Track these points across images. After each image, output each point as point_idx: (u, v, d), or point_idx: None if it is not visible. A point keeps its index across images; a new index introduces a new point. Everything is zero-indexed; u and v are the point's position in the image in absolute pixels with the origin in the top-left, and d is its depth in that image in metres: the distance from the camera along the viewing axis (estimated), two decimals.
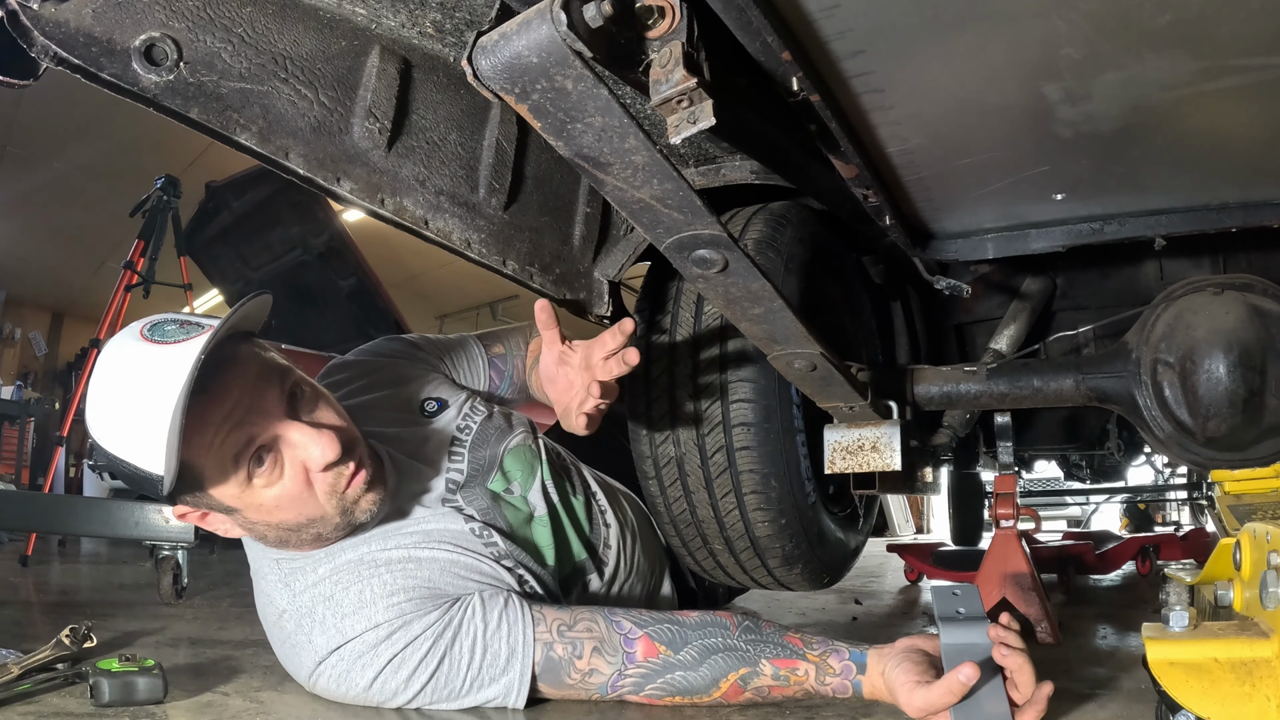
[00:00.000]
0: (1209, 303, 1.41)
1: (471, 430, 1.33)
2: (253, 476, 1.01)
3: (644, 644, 1.08)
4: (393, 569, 1.10)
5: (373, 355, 1.43)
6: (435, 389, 1.37)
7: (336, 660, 1.06)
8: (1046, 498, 6.08)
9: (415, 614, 1.06)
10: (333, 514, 1.07)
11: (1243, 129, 1.10)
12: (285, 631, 1.11)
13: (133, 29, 0.89)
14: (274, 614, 1.12)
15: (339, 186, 1.11)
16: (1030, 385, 1.61)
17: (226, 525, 1.07)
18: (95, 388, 0.99)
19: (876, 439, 1.54)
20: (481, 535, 1.19)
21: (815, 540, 1.81)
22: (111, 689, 1.06)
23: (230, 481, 1.01)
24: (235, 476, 1.01)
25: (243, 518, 1.05)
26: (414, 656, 1.05)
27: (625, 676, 1.07)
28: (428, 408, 1.33)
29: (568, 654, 1.07)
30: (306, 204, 4.54)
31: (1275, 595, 0.78)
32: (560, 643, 1.08)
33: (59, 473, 4.40)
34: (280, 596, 1.11)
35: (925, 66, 0.95)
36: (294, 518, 1.05)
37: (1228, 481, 1.91)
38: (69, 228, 6.32)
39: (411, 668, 1.05)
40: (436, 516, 1.19)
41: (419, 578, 1.10)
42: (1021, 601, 1.51)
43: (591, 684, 1.08)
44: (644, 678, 1.07)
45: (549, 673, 1.08)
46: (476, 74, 0.71)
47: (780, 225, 1.63)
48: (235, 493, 1.02)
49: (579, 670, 1.07)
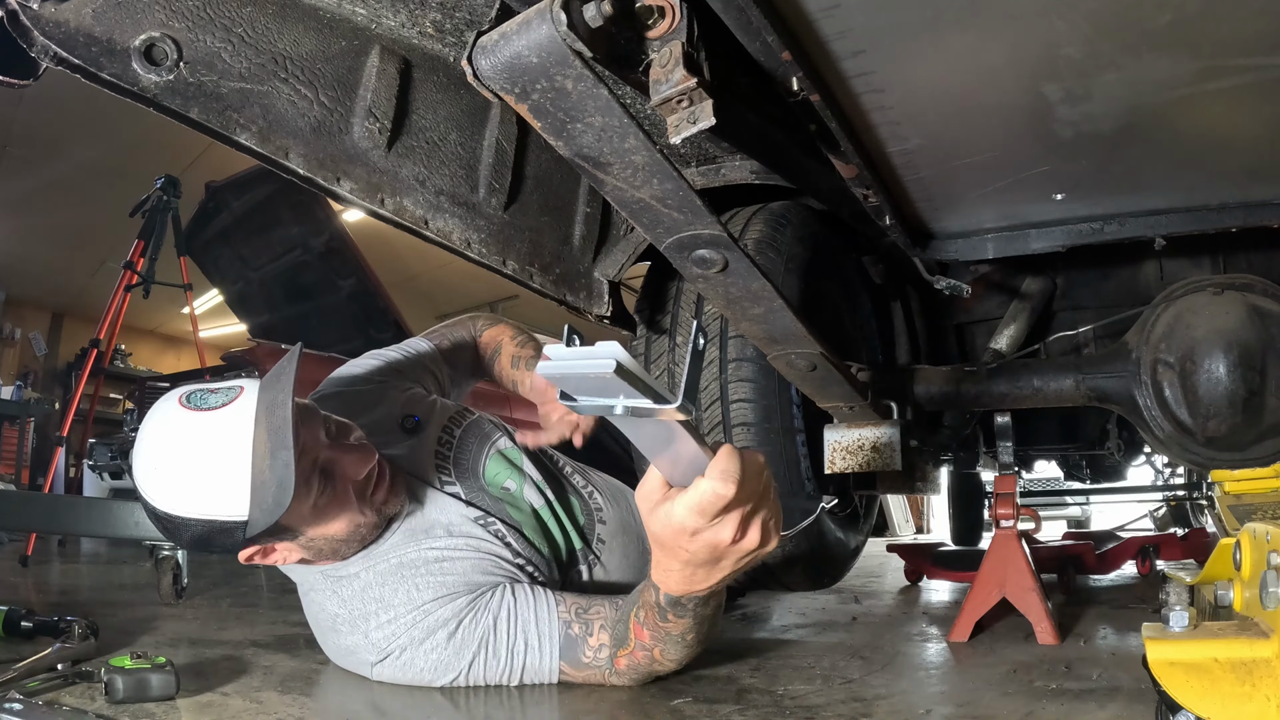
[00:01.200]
0: (1209, 303, 1.42)
1: (452, 444, 1.38)
2: (319, 498, 1.13)
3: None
4: (430, 568, 1.22)
5: (347, 387, 1.46)
6: (409, 405, 1.41)
7: (398, 650, 1.17)
8: (1046, 498, 6.09)
9: (463, 601, 1.18)
10: (371, 516, 1.20)
11: (1242, 129, 1.10)
12: (340, 634, 1.22)
13: (133, 29, 0.89)
14: (328, 620, 1.24)
15: (339, 186, 1.11)
16: (1030, 385, 1.61)
17: (288, 552, 1.18)
18: (154, 460, 1.07)
19: (876, 439, 1.54)
20: (494, 531, 1.28)
21: (815, 540, 1.81)
22: (125, 686, 1.08)
23: (303, 505, 1.12)
24: (307, 500, 1.12)
25: (306, 538, 1.17)
26: (463, 635, 1.16)
27: (615, 660, 1.15)
28: (406, 424, 1.37)
29: (582, 633, 1.17)
30: (306, 204, 4.54)
31: (1275, 595, 0.78)
32: (576, 622, 1.17)
33: (59, 473, 4.40)
34: (331, 604, 1.23)
35: (925, 66, 0.95)
36: (346, 528, 1.18)
37: (1228, 481, 1.91)
38: (69, 228, 6.31)
39: (460, 644, 1.16)
40: (453, 518, 1.28)
41: (456, 572, 1.22)
42: (1022, 601, 1.51)
43: (601, 659, 1.15)
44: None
45: (569, 650, 1.16)
46: (476, 74, 0.71)
47: (780, 225, 1.63)
48: (304, 515, 1.13)
49: (591, 648, 1.16)
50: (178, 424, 1.06)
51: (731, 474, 0.80)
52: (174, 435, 1.06)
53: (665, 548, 0.92)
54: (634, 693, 1.16)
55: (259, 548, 1.14)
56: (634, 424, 0.72)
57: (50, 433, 5.41)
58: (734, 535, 0.86)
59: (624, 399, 0.66)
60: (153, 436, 1.07)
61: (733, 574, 0.95)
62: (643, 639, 1.10)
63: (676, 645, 1.10)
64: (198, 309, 4.74)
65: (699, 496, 0.81)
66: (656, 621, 1.06)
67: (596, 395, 0.67)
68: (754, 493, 0.85)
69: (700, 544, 0.87)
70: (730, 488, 0.81)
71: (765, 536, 0.89)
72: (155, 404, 1.12)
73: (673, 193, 0.81)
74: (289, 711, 1.07)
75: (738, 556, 0.90)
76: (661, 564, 0.96)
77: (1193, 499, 5.27)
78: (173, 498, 1.06)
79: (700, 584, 0.95)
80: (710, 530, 0.85)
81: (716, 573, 0.93)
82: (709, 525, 0.85)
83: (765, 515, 0.88)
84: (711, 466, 0.80)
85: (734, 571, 0.94)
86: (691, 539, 0.86)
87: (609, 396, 0.67)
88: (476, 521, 1.28)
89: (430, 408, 1.42)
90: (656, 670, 1.15)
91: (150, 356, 8.50)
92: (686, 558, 0.90)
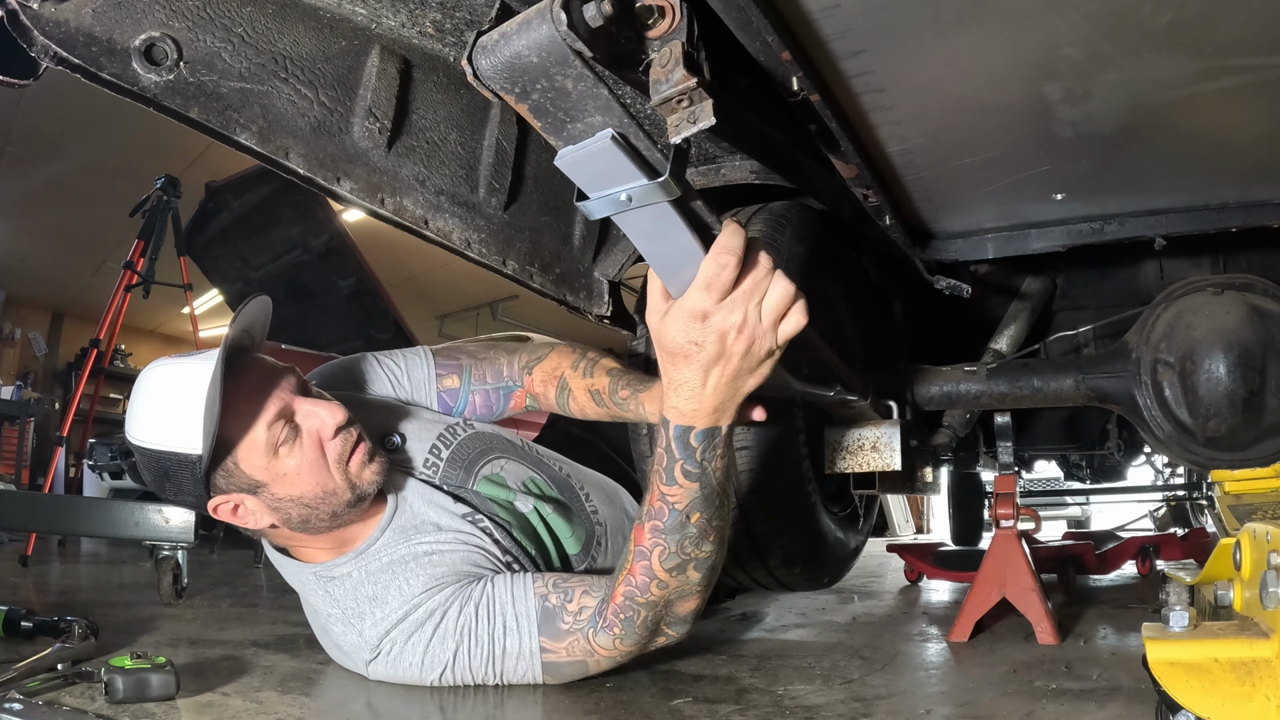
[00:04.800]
0: (1209, 303, 1.42)
1: (439, 465, 1.34)
2: (279, 446, 1.14)
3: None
4: (420, 561, 1.21)
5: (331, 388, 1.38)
6: (391, 421, 1.36)
7: (389, 646, 1.17)
8: (1046, 498, 6.08)
9: (449, 591, 1.18)
10: (344, 487, 1.18)
11: (1242, 129, 1.10)
12: (335, 633, 1.23)
13: (133, 29, 0.89)
14: (323, 619, 1.25)
15: (339, 186, 1.11)
16: (1030, 385, 1.61)
17: (258, 512, 1.17)
18: (134, 403, 1.15)
19: (876, 439, 1.54)
20: (482, 527, 1.27)
21: (815, 540, 1.81)
22: (125, 686, 1.08)
23: (259, 450, 1.13)
24: (264, 444, 1.13)
25: (270, 494, 1.16)
26: (447, 624, 1.16)
27: (608, 601, 1.12)
28: (388, 444, 1.33)
29: (560, 601, 1.15)
30: (306, 204, 4.53)
31: (1275, 595, 0.78)
32: (554, 593, 1.16)
33: (59, 473, 4.40)
34: (325, 604, 1.23)
35: (925, 66, 0.95)
36: (312, 490, 1.17)
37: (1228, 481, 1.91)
38: (69, 228, 6.30)
39: (444, 634, 1.15)
40: (442, 517, 1.27)
41: (445, 564, 1.22)
42: (1022, 601, 1.51)
43: (582, 620, 1.13)
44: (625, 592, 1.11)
45: (547, 623, 1.14)
46: (476, 73, 0.71)
47: (780, 225, 1.63)
48: (263, 463, 1.14)
49: (570, 613, 1.14)
50: (160, 368, 1.16)
51: (733, 247, 0.84)
52: (154, 376, 1.16)
53: (674, 354, 0.92)
54: (634, 693, 1.16)
55: (225, 498, 1.16)
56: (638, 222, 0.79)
57: (50, 433, 5.42)
58: (741, 321, 0.87)
59: (626, 186, 0.75)
60: (140, 379, 1.17)
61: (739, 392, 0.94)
62: (642, 542, 1.05)
63: (677, 543, 1.03)
64: (198, 309, 4.74)
65: (704, 272, 0.85)
66: (661, 489, 1.01)
67: (603, 183, 0.76)
68: (759, 280, 0.87)
69: (711, 333, 0.88)
70: (732, 258, 0.84)
71: (770, 335, 0.90)
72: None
73: None
74: (289, 711, 1.07)
75: (745, 356, 0.90)
76: (672, 382, 0.95)
77: (1193, 499, 5.27)
78: (141, 429, 1.13)
79: (710, 399, 0.94)
80: (719, 313, 0.87)
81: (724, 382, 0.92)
82: (717, 307, 0.87)
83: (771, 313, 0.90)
84: (715, 244, 0.84)
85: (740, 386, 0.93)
86: (702, 327, 0.88)
87: (614, 184, 0.75)
88: (465, 518, 1.27)
89: (418, 427, 1.37)
90: (653, 600, 1.08)
91: (150, 356, 8.39)
92: (698, 356, 0.90)
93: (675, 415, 0.97)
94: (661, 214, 0.78)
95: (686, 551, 1.05)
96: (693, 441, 0.97)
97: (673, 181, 0.74)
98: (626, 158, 0.72)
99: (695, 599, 1.12)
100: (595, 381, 1.36)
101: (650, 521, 1.04)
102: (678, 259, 0.85)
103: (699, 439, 0.97)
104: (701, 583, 1.10)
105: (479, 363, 1.48)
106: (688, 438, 0.97)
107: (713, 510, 1.04)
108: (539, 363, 1.44)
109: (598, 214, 0.80)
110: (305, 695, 1.16)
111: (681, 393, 0.94)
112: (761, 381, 0.94)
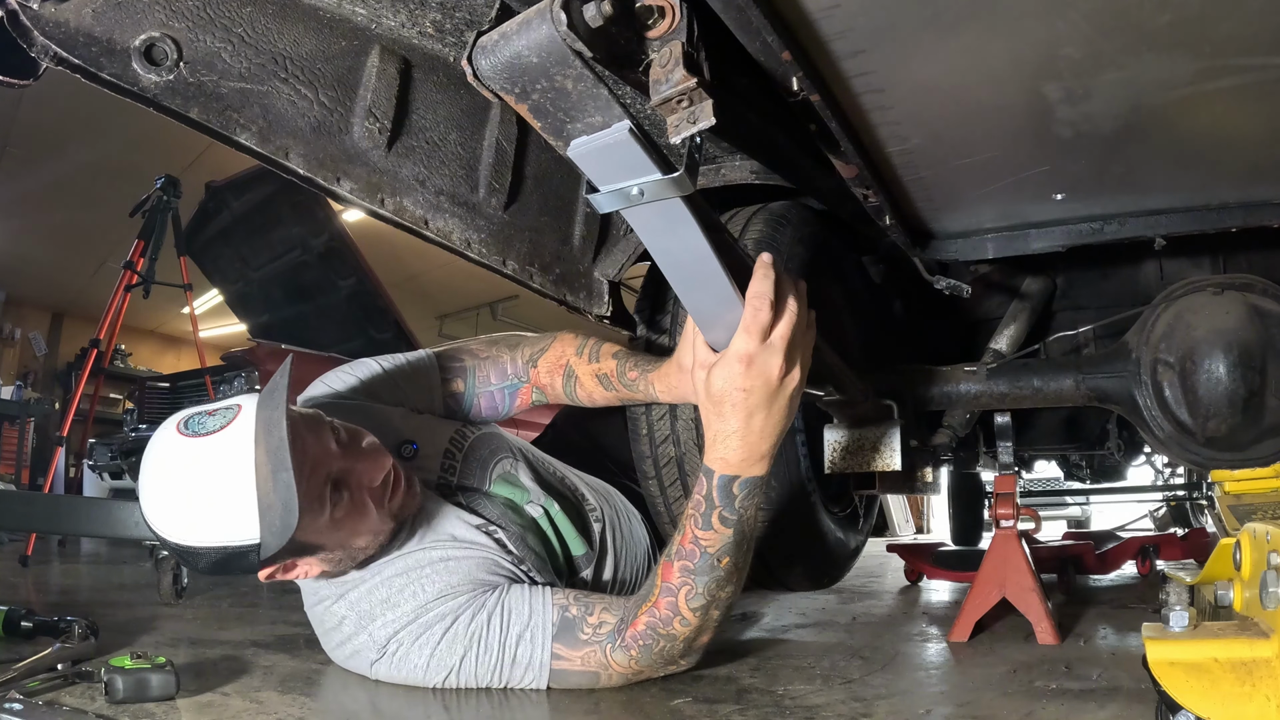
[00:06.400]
0: (1209, 303, 1.42)
1: (455, 468, 1.36)
2: (334, 511, 1.12)
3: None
4: (435, 567, 1.22)
5: (343, 399, 1.40)
6: (405, 429, 1.37)
7: (395, 646, 1.16)
8: (1046, 498, 6.08)
9: (463, 599, 1.18)
10: (389, 523, 1.19)
11: (1242, 129, 1.10)
12: (345, 634, 1.21)
13: (133, 29, 0.89)
14: (333, 620, 1.23)
15: (339, 186, 1.10)
16: (1030, 385, 1.61)
17: (309, 567, 1.17)
18: (159, 492, 1.06)
19: (876, 439, 1.54)
20: (496, 539, 1.28)
21: (815, 540, 1.81)
22: (125, 686, 1.08)
23: (319, 521, 1.11)
24: (322, 515, 1.11)
25: (325, 553, 1.16)
26: (457, 630, 1.15)
27: (628, 624, 1.12)
28: (404, 452, 1.34)
29: (580, 613, 1.16)
30: (306, 204, 4.53)
31: (1275, 595, 0.78)
32: (574, 605, 1.17)
33: (59, 473, 4.40)
34: (339, 606, 1.22)
35: (925, 66, 0.95)
36: (365, 539, 1.17)
37: (1228, 481, 1.91)
38: (69, 228, 6.31)
39: (453, 639, 1.15)
40: (458, 527, 1.27)
41: (460, 571, 1.22)
42: (1022, 601, 1.51)
43: (601, 634, 1.14)
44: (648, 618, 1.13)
45: (565, 632, 1.15)
46: (476, 74, 0.71)
47: (780, 225, 1.63)
48: (321, 530, 1.12)
49: (590, 625, 1.15)
50: (178, 453, 1.05)
51: (765, 293, 0.91)
52: (176, 465, 1.05)
53: (721, 402, 0.96)
54: (634, 693, 1.16)
55: (279, 565, 1.14)
56: (648, 217, 0.80)
57: (50, 433, 5.41)
58: (782, 364, 0.93)
59: (639, 180, 0.76)
60: (155, 468, 1.06)
61: (779, 434, 0.99)
62: (670, 579, 1.07)
63: (705, 585, 1.06)
64: (198, 309, 4.74)
65: (746, 316, 0.91)
66: (695, 533, 1.04)
67: (615, 176, 0.77)
68: (791, 322, 0.94)
69: (757, 376, 0.93)
70: (764, 301, 0.91)
71: (804, 373, 0.98)
72: (155, 433, 1.09)
73: None
74: (289, 711, 1.07)
75: (788, 397, 0.96)
76: (719, 435, 0.98)
77: (1193, 499, 5.27)
78: (182, 529, 1.05)
79: (758, 445, 0.98)
80: (761, 357, 0.92)
81: (772, 421, 0.97)
82: (760, 349, 0.92)
83: (802, 353, 0.96)
84: (750, 288, 0.90)
85: (781, 428, 0.99)
86: (747, 372, 0.93)
87: (625, 177, 0.76)
88: (480, 529, 1.28)
89: (430, 433, 1.38)
90: (674, 634, 1.10)
91: (150, 356, 8.49)
92: (745, 403, 0.94)
93: (722, 466, 0.99)
94: (673, 210, 0.79)
95: (712, 593, 1.09)
96: (735, 490, 1.01)
97: (687, 177, 0.74)
98: (642, 150, 0.73)
99: (712, 633, 1.16)
100: (602, 365, 1.34)
101: (680, 561, 1.07)
102: (686, 257, 0.85)
103: (742, 488, 1.01)
104: (720, 619, 1.14)
105: (482, 363, 1.46)
106: (731, 487, 1.01)
107: (741, 554, 1.08)
108: (543, 354, 1.42)
109: (608, 207, 0.80)
110: (305, 695, 1.16)
111: (730, 443, 0.98)
112: (793, 417, 0.99)
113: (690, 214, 0.79)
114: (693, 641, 1.14)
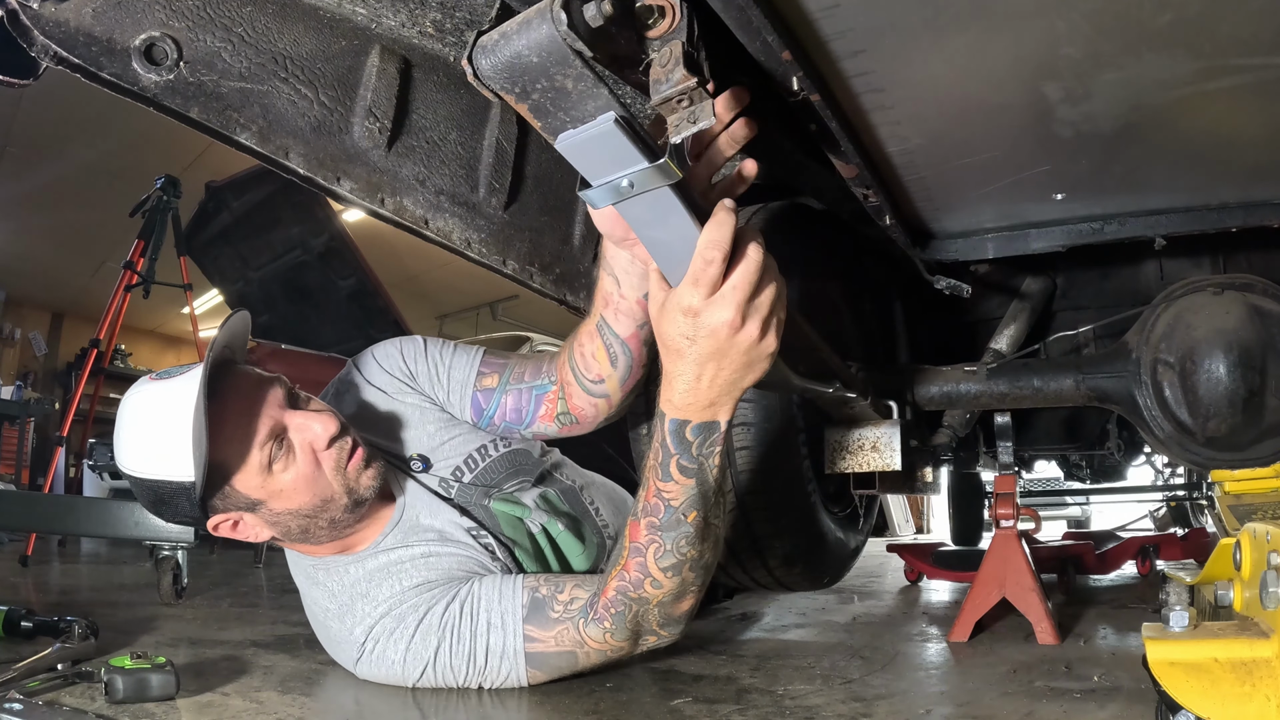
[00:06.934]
0: (1209, 303, 1.41)
1: (454, 488, 1.34)
2: (272, 463, 1.13)
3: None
4: (416, 562, 1.22)
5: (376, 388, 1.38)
6: (420, 440, 1.36)
7: (372, 643, 1.17)
8: (1046, 498, 6.08)
9: (438, 591, 1.18)
10: (340, 493, 1.18)
11: (1242, 129, 1.10)
12: (331, 629, 1.23)
13: (133, 28, 0.89)
14: (320, 614, 1.25)
15: (339, 186, 1.11)
16: (1030, 385, 1.61)
17: (257, 527, 1.18)
18: (120, 430, 1.14)
19: (876, 439, 1.54)
20: (484, 544, 1.27)
21: (815, 540, 1.81)
22: (125, 686, 1.08)
23: (253, 471, 1.13)
24: (257, 465, 1.12)
25: (268, 510, 1.16)
26: (430, 620, 1.15)
27: (600, 594, 1.11)
28: (414, 467, 1.34)
29: (550, 592, 1.15)
30: (306, 204, 4.53)
31: (1275, 595, 0.78)
32: (544, 585, 1.16)
33: (59, 473, 4.40)
34: (322, 598, 1.24)
35: (925, 66, 0.95)
36: (310, 500, 1.17)
37: (1228, 481, 1.91)
38: (69, 228, 6.31)
39: (426, 630, 1.14)
40: (447, 526, 1.28)
41: (440, 568, 1.22)
42: (1022, 601, 1.51)
43: (574, 610, 1.13)
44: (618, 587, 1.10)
45: (536, 612, 1.14)
46: (476, 73, 0.71)
47: (780, 225, 1.63)
48: (258, 483, 1.14)
49: (561, 602, 1.14)
50: (142, 393, 1.14)
51: (718, 241, 0.83)
52: (137, 401, 1.13)
53: (668, 348, 0.91)
54: (634, 693, 1.16)
55: (224, 517, 1.16)
56: (639, 209, 0.79)
57: (50, 433, 5.41)
58: (734, 319, 0.86)
59: (627, 171, 0.75)
60: (123, 404, 1.15)
61: (736, 387, 0.93)
62: (637, 538, 1.04)
63: (673, 541, 1.02)
64: (198, 309, 4.74)
65: (691, 267, 0.84)
66: (657, 485, 1.00)
67: (604, 169, 0.76)
68: (749, 276, 0.86)
69: (702, 329, 0.87)
70: (717, 253, 0.83)
71: (765, 330, 0.89)
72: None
73: None
74: (289, 711, 1.07)
75: (741, 352, 0.89)
76: (668, 374, 0.94)
77: (1193, 499, 5.26)
78: (131, 458, 1.13)
79: (706, 393, 0.93)
80: (708, 310, 0.86)
81: (721, 377, 0.91)
82: (706, 303, 0.86)
83: (765, 309, 0.88)
84: (701, 237, 0.83)
85: (737, 382, 0.93)
86: (693, 323, 0.87)
87: (614, 169, 0.75)
88: (469, 532, 1.28)
89: (461, 443, 1.37)
90: (646, 598, 1.08)
91: (150, 356, 8.49)
92: (690, 352, 0.89)
93: (671, 408, 0.96)
94: (662, 199, 0.78)
95: (683, 551, 1.04)
96: (689, 435, 0.97)
97: (672, 164, 0.74)
98: (628, 140, 0.72)
99: (690, 599, 1.12)
100: (593, 313, 1.26)
101: (646, 518, 1.03)
102: (679, 247, 0.84)
103: (695, 433, 0.96)
104: (696, 583, 1.09)
105: (523, 361, 1.43)
106: (683, 431, 0.97)
107: (709, 509, 1.03)
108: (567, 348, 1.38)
109: (600, 203, 0.80)
110: (305, 695, 1.16)
111: (677, 386, 0.94)
112: (761, 376, 0.94)
113: (680, 202, 0.79)
114: (669, 609, 1.10)
